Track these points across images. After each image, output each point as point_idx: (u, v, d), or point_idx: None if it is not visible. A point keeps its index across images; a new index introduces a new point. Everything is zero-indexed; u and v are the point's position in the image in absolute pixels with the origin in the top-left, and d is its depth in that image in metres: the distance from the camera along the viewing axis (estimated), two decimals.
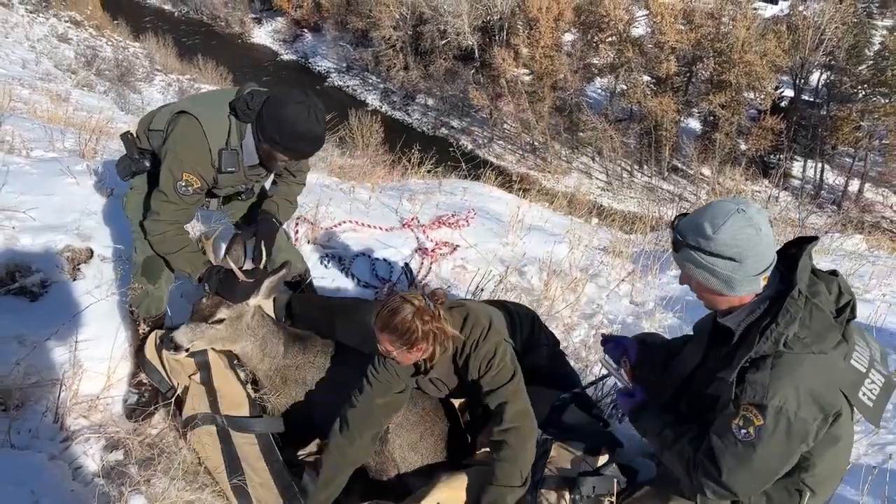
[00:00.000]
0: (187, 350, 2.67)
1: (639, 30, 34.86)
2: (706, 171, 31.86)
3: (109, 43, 34.50)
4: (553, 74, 35.18)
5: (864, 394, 1.90)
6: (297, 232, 4.25)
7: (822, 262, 5.14)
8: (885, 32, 32.19)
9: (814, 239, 2.00)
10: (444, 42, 37.96)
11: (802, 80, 31.25)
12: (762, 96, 30.50)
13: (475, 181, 7.67)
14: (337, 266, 4.22)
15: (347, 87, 41.05)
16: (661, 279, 5.12)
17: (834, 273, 2.01)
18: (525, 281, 4.88)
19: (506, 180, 8.77)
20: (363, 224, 4.73)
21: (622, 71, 33.83)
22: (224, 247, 2.98)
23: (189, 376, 2.86)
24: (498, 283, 4.42)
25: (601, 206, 24.11)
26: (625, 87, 34.20)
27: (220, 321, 2.68)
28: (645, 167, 33.98)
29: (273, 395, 2.90)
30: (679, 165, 33.32)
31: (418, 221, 5.10)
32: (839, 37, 29.20)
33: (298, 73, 41.79)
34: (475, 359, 2.50)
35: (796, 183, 31.60)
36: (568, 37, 36.81)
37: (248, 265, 2.86)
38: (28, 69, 24.19)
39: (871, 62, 29.48)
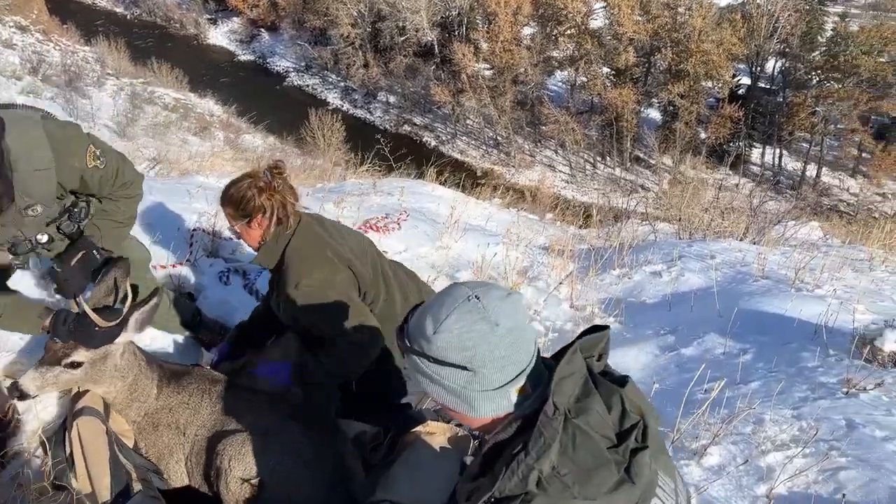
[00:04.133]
0: (34, 397, 2.25)
1: (597, 22, 34.77)
2: (667, 160, 31.90)
3: (57, 48, 33.45)
4: (513, 68, 34.95)
5: None
6: (191, 245, 3.83)
7: (771, 254, 4.86)
8: (836, 19, 32.60)
9: (599, 329, 1.45)
10: (403, 38, 37.53)
11: (758, 68, 31.45)
12: (720, 85, 30.63)
13: (417, 180, 7.32)
14: (241, 281, 3.81)
15: (307, 86, 40.42)
16: (604, 279, 4.81)
17: (623, 381, 1.40)
18: None
19: (458, 176, 8.41)
20: None
21: (582, 63, 33.72)
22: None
23: None
24: None
25: (565, 198, 23.99)
26: (585, 80, 34.11)
27: (77, 365, 2.25)
28: (608, 158, 33.91)
29: (142, 443, 2.49)
30: (641, 156, 33.32)
31: None
32: (792, 24, 29.44)
33: (256, 73, 41.08)
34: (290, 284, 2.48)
35: (755, 169, 31.78)
36: (527, 30, 36.60)
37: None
38: None
39: (824, 48, 29.85)
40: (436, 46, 37.34)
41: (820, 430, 2.72)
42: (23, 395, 2.21)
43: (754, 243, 5.53)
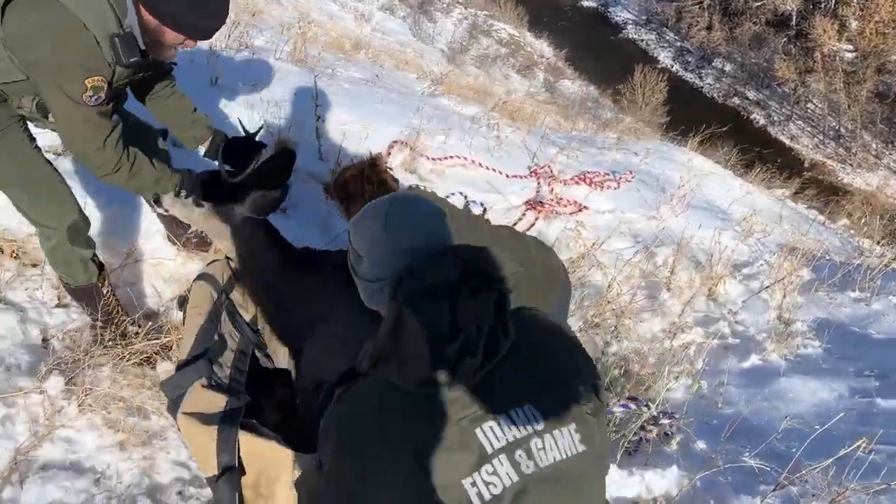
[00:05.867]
0: (166, 211, 2.53)
1: None
2: None
3: None
4: (883, 55, 30.17)
5: (474, 484, 1.16)
6: (389, 154, 3.98)
7: None
8: None
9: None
10: (758, 4, 34.32)
11: None
12: None
13: (677, 146, 6.78)
14: None
15: (641, 40, 39.14)
16: (835, 298, 4.04)
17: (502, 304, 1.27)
18: (651, 263, 4.15)
19: (729, 150, 7.60)
20: (479, 163, 4.31)
21: None
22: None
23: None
24: (582, 257, 3.77)
25: None
26: None
27: (200, 204, 2.48)
28: None
29: (259, 318, 2.70)
30: None
31: (550, 171, 4.55)
32: None
33: (594, 21, 40.74)
34: None
35: None
36: None
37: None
38: None
39: None
40: (793, 17, 33.64)
41: None
42: (158, 202, 2.46)
43: None
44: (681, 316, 3.74)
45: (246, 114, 3.63)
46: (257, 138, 2.63)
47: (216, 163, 2.60)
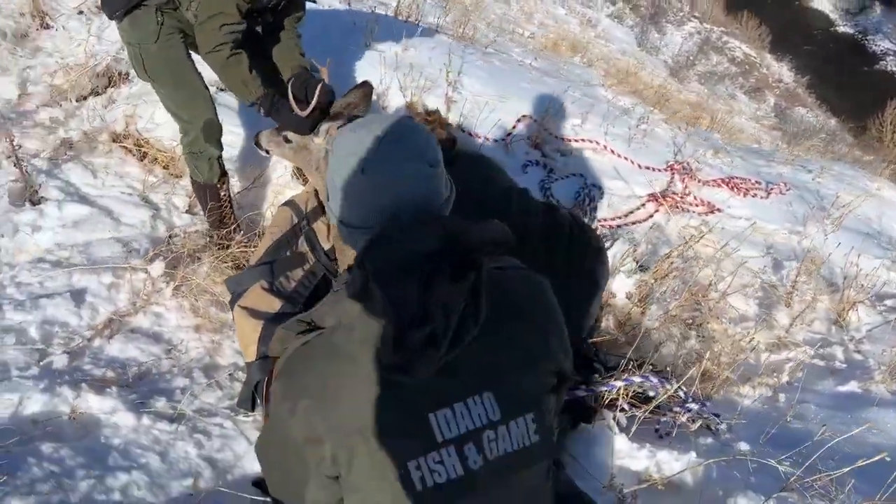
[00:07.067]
0: (267, 152, 2.85)
1: None
2: None
3: None
4: None
5: (418, 468, 1.15)
6: (514, 127, 4.09)
7: None
8: None
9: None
10: None
11: None
12: None
13: (866, 172, 6.16)
14: (539, 174, 3.96)
15: None
16: None
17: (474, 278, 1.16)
18: (775, 276, 3.89)
19: None
20: (611, 150, 4.28)
21: None
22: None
23: None
24: (681, 248, 3.58)
25: None
26: None
27: (288, 140, 2.73)
28: None
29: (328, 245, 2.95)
30: None
31: (688, 167, 4.39)
32: None
33: (848, 48, 37.15)
34: None
35: None
36: None
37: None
38: None
39: None
40: None
41: None
42: (258, 145, 2.79)
43: None
44: (788, 331, 3.49)
45: (385, 73, 3.95)
46: (327, 79, 2.80)
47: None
